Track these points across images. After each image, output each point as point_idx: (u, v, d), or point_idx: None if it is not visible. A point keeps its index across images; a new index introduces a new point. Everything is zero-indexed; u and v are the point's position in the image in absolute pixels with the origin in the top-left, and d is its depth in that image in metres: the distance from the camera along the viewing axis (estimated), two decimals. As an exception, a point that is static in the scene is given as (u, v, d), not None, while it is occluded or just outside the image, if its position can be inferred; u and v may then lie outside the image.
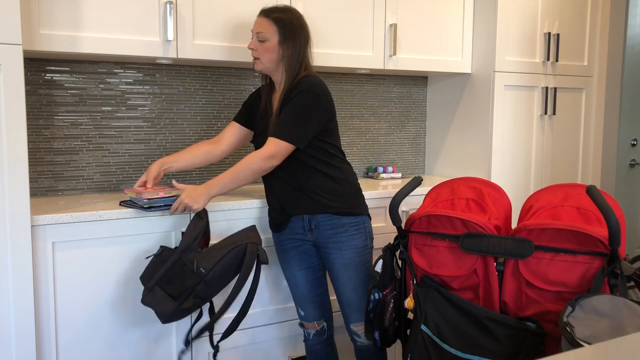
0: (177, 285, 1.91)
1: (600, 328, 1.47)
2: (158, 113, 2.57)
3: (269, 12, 2.06)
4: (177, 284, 1.91)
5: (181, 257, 1.91)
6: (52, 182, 2.39)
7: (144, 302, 1.92)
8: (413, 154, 3.31)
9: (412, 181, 2.03)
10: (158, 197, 2.03)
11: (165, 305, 1.90)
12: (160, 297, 1.90)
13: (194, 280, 1.91)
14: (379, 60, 2.74)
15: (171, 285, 1.91)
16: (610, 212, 1.61)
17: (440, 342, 1.85)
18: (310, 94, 1.98)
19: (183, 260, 1.92)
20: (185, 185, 2.03)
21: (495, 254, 1.80)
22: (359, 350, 2.22)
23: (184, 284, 1.91)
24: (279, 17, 2.05)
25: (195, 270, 1.90)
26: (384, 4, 2.72)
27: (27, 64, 2.31)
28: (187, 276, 1.91)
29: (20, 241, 1.85)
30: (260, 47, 2.06)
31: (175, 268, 1.91)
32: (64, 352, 2.00)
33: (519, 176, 3.04)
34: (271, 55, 2.05)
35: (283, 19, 2.04)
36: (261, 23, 2.06)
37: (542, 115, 3.09)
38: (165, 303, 1.90)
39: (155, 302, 1.90)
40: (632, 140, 3.45)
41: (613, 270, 1.65)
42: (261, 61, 2.08)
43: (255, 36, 2.07)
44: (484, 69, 2.95)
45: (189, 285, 1.91)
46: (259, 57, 2.07)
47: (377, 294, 2.00)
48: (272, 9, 2.07)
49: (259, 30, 2.06)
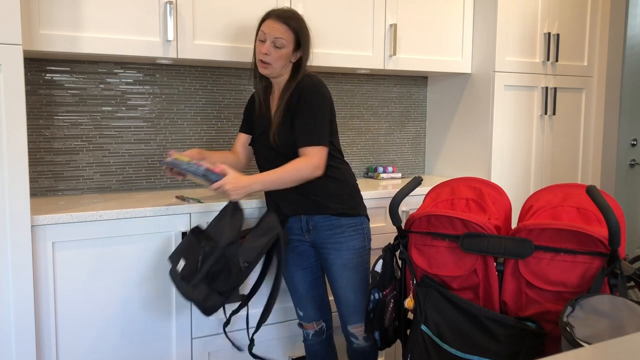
0: (223, 282, 1.89)
1: (600, 328, 1.47)
2: (158, 113, 2.57)
3: (285, 18, 2.00)
4: (223, 280, 1.89)
5: (225, 253, 1.87)
6: (52, 182, 2.39)
7: (186, 298, 1.88)
8: (413, 154, 3.31)
9: (412, 181, 2.03)
10: (214, 171, 1.92)
11: (211, 301, 1.88)
12: (206, 294, 1.88)
13: (241, 277, 1.89)
14: (379, 60, 2.74)
15: (216, 282, 1.89)
16: (610, 212, 1.61)
17: (440, 342, 1.85)
18: (318, 95, 1.99)
19: (227, 255, 1.87)
20: (228, 168, 1.95)
21: (495, 254, 1.80)
22: (354, 351, 2.21)
23: (231, 280, 1.89)
24: (295, 25, 2.01)
25: (242, 268, 1.88)
26: (384, 4, 2.72)
27: (27, 64, 2.31)
28: (233, 272, 1.88)
29: (20, 241, 1.85)
30: (275, 53, 2.00)
31: (219, 264, 1.88)
32: (64, 352, 2.00)
33: (519, 176, 3.04)
34: (284, 61, 2.02)
35: (300, 28, 2.02)
36: (279, 29, 1.99)
37: (542, 115, 3.09)
38: (212, 298, 1.88)
39: (201, 298, 1.87)
40: (632, 140, 3.45)
41: (613, 270, 1.65)
42: (272, 66, 2.02)
43: (272, 41, 1.99)
44: (484, 69, 2.95)
45: (236, 282, 1.89)
46: (271, 63, 2.01)
47: (377, 294, 2.00)
48: (286, 15, 2.01)
49: (278, 36, 1.99)
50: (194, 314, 2.20)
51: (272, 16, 2.02)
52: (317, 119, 1.98)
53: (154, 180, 2.58)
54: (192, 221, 2.16)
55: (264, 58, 2.01)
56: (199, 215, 2.17)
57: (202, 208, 2.16)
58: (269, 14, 2.04)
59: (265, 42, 2.01)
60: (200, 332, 2.22)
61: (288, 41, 2.00)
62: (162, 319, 2.15)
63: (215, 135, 2.69)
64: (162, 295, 2.14)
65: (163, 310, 2.15)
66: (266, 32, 2.00)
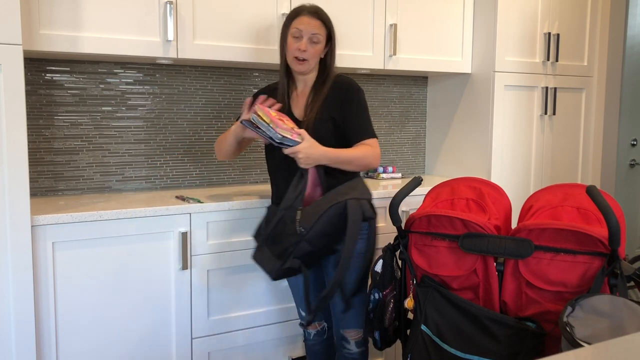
0: (280, 244, 1.89)
1: (600, 328, 1.47)
2: (158, 113, 2.57)
3: (318, 14, 2.02)
4: (280, 242, 1.89)
5: (284, 216, 1.88)
6: (52, 182, 2.39)
7: (253, 259, 1.95)
8: (413, 154, 3.31)
9: (412, 181, 2.03)
10: (290, 138, 1.88)
11: (270, 264, 1.90)
12: (267, 256, 1.90)
13: (293, 239, 1.87)
14: (379, 60, 2.74)
15: (275, 245, 1.91)
16: (610, 212, 1.61)
17: (440, 342, 1.85)
18: (360, 92, 2.06)
19: (285, 219, 1.88)
20: (305, 134, 1.91)
21: (495, 254, 1.80)
22: (344, 357, 2.13)
23: (285, 242, 1.88)
24: (327, 20, 2.04)
25: (297, 230, 1.86)
26: (384, 4, 2.72)
27: (27, 64, 2.31)
28: (288, 234, 1.88)
29: (20, 241, 1.85)
30: (312, 49, 2.00)
31: (278, 227, 1.89)
32: (64, 352, 2.00)
33: (519, 176, 3.04)
34: (318, 57, 2.05)
35: (330, 23, 2.05)
36: (315, 25, 2.00)
37: (542, 115, 3.09)
38: (270, 262, 1.90)
39: (262, 260, 1.91)
40: (632, 140, 3.45)
41: (613, 270, 1.65)
42: (309, 63, 2.02)
43: (309, 38, 2.00)
44: (484, 69, 2.95)
45: (288, 245, 1.88)
46: (308, 59, 2.01)
47: (377, 294, 1.99)
48: (319, 10, 2.04)
49: (315, 32, 2.00)
50: (194, 314, 2.20)
51: (305, 13, 2.02)
52: (367, 115, 2.07)
53: (154, 180, 2.58)
54: (192, 221, 2.16)
55: (301, 55, 2.01)
56: (199, 215, 2.17)
57: (202, 208, 2.16)
58: (299, 11, 2.04)
59: (301, 38, 2.01)
60: (200, 332, 2.22)
61: (323, 36, 2.03)
62: (162, 319, 2.15)
63: (215, 135, 2.69)
64: (162, 295, 2.14)
65: (163, 310, 2.15)
66: (302, 28, 2.00)
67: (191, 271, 2.18)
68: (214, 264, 2.22)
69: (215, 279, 2.24)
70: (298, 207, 1.89)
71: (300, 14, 2.03)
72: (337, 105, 2.03)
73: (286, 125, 1.90)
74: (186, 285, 2.18)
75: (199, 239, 2.18)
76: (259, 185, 2.73)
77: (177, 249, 2.14)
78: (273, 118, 1.88)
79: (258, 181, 2.82)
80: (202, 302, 2.21)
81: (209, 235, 2.20)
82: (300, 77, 2.10)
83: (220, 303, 2.26)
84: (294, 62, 2.03)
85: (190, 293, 2.19)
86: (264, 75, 2.78)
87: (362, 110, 2.05)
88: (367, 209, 1.93)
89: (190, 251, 2.17)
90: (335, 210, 1.88)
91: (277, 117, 1.90)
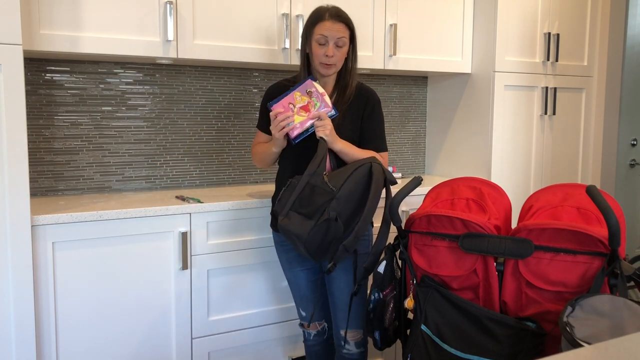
0: (310, 205, 1.90)
1: (600, 328, 1.47)
2: (158, 113, 2.57)
3: (341, 17, 2.03)
4: (310, 204, 1.90)
5: (309, 181, 1.91)
6: (52, 182, 2.39)
7: (281, 228, 1.91)
8: (413, 154, 3.31)
9: (412, 181, 2.03)
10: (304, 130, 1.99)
11: (302, 226, 1.88)
12: (296, 220, 1.89)
13: (326, 198, 1.89)
14: (379, 60, 2.74)
15: (304, 207, 1.91)
16: (610, 212, 1.61)
17: (440, 342, 1.85)
18: (381, 105, 2.16)
19: (311, 183, 1.91)
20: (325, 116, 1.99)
21: (495, 254, 1.80)
22: (342, 357, 2.14)
23: (316, 202, 1.89)
24: (350, 22, 2.05)
25: (327, 189, 1.89)
26: (384, 4, 2.72)
27: (27, 64, 2.31)
28: (318, 195, 1.90)
29: (20, 241, 1.85)
30: (338, 53, 2.02)
31: (305, 191, 1.91)
32: (64, 352, 2.00)
33: (519, 176, 3.04)
34: (344, 58, 2.07)
35: (351, 21, 2.06)
36: (340, 29, 2.01)
37: (542, 115, 3.09)
38: (302, 224, 1.89)
39: (292, 224, 1.88)
40: (632, 140, 3.45)
41: (613, 270, 1.65)
42: (336, 66, 2.05)
43: (334, 42, 2.01)
44: (483, 69, 2.95)
45: (321, 203, 1.89)
46: (335, 63, 2.03)
47: (377, 294, 1.99)
48: (341, 13, 2.04)
49: (341, 36, 2.01)
50: (194, 314, 2.20)
51: (328, 17, 2.02)
52: (383, 127, 2.17)
53: (154, 180, 2.58)
54: (192, 221, 2.16)
55: (329, 61, 2.02)
56: (199, 215, 2.17)
57: (202, 208, 2.16)
58: (321, 15, 2.03)
59: (327, 44, 2.01)
60: (200, 332, 2.22)
61: (347, 38, 2.04)
62: (162, 319, 2.15)
63: (215, 135, 2.69)
64: (162, 295, 2.14)
65: (163, 310, 2.15)
66: (328, 34, 2.00)
67: (191, 271, 2.18)
68: (214, 264, 2.22)
69: (215, 279, 2.24)
70: (322, 173, 1.93)
71: (323, 19, 2.02)
72: (360, 111, 2.09)
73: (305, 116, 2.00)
74: (186, 285, 2.18)
75: (199, 239, 2.18)
76: (259, 185, 2.73)
77: (177, 249, 2.14)
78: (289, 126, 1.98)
79: (258, 181, 2.82)
80: (202, 302, 2.21)
81: (209, 235, 2.20)
82: (321, 79, 2.12)
83: (220, 303, 2.26)
84: (322, 67, 2.05)
85: (190, 293, 2.19)
86: (264, 75, 2.78)
87: (380, 121, 2.14)
88: (389, 172, 2.02)
89: (190, 251, 2.17)
90: (362, 171, 1.94)
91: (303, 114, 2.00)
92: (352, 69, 2.11)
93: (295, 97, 1.99)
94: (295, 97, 1.99)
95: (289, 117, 1.97)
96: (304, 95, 1.99)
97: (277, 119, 1.97)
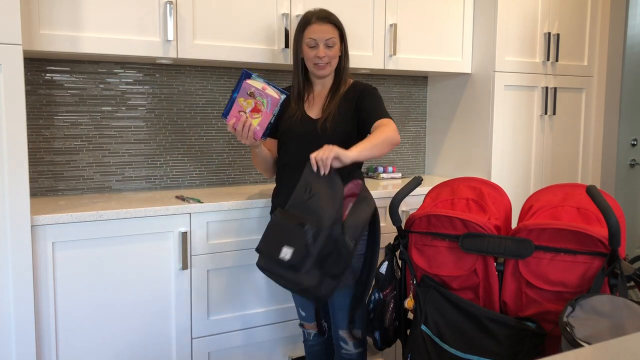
0: (334, 264, 1.77)
1: (600, 328, 1.47)
2: (158, 113, 2.57)
3: (327, 18, 2.07)
4: (334, 262, 1.77)
5: (331, 233, 1.75)
6: (52, 182, 2.39)
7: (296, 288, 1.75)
8: (413, 154, 3.31)
9: (412, 181, 2.03)
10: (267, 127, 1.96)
11: (326, 286, 1.78)
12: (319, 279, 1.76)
13: (350, 257, 1.79)
14: (379, 60, 2.74)
15: (327, 265, 1.77)
16: (610, 212, 1.61)
17: (440, 342, 1.85)
18: (376, 90, 2.13)
19: (333, 235, 1.76)
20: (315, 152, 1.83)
21: (495, 254, 1.80)
22: (342, 357, 2.13)
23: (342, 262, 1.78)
24: (337, 21, 2.09)
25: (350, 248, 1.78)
26: (384, 4, 2.72)
27: (27, 64, 2.31)
28: (343, 253, 1.77)
29: (20, 241, 1.85)
30: (330, 52, 2.07)
31: (327, 246, 1.75)
32: (64, 352, 2.00)
33: (519, 176, 3.04)
34: (337, 56, 2.10)
35: (339, 22, 2.10)
36: (327, 30, 2.06)
37: (542, 115, 3.08)
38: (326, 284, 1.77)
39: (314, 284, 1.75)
40: (632, 140, 3.45)
41: (613, 270, 1.65)
42: (331, 64, 2.09)
43: (324, 43, 2.05)
44: (484, 69, 2.95)
45: (347, 263, 1.79)
46: (329, 62, 2.08)
47: (377, 294, 2.00)
48: (326, 14, 2.08)
49: (330, 37, 2.05)
50: (193, 314, 2.20)
51: (314, 20, 2.06)
52: (382, 103, 2.10)
53: (154, 180, 2.58)
54: (192, 221, 2.16)
55: (321, 61, 2.06)
56: (199, 215, 2.17)
57: (202, 208, 2.16)
58: (309, 19, 2.07)
59: (317, 47, 2.05)
60: (200, 332, 2.22)
61: (337, 38, 2.08)
62: (162, 319, 2.15)
63: (215, 135, 2.69)
64: (162, 295, 2.14)
65: (163, 310, 2.15)
66: (316, 37, 2.05)
67: (191, 271, 2.18)
68: (214, 264, 2.22)
69: (215, 279, 2.24)
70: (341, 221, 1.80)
71: (310, 23, 2.07)
72: (354, 100, 2.10)
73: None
74: (186, 285, 2.18)
75: (199, 239, 2.18)
76: (259, 185, 2.73)
77: (177, 249, 2.14)
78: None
79: (258, 181, 2.82)
80: (202, 302, 2.21)
81: (209, 235, 2.20)
82: (318, 80, 2.15)
83: (220, 303, 2.26)
84: (315, 68, 2.08)
85: (190, 293, 2.19)
86: (263, 75, 2.77)
87: (378, 99, 2.10)
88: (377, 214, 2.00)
89: (190, 251, 2.17)
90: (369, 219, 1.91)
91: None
92: (344, 67, 2.15)
93: (241, 104, 1.99)
94: (241, 104, 1.99)
95: (245, 123, 1.97)
96: (247, 98, 1.99)
97: (237, 131, 1.98)
